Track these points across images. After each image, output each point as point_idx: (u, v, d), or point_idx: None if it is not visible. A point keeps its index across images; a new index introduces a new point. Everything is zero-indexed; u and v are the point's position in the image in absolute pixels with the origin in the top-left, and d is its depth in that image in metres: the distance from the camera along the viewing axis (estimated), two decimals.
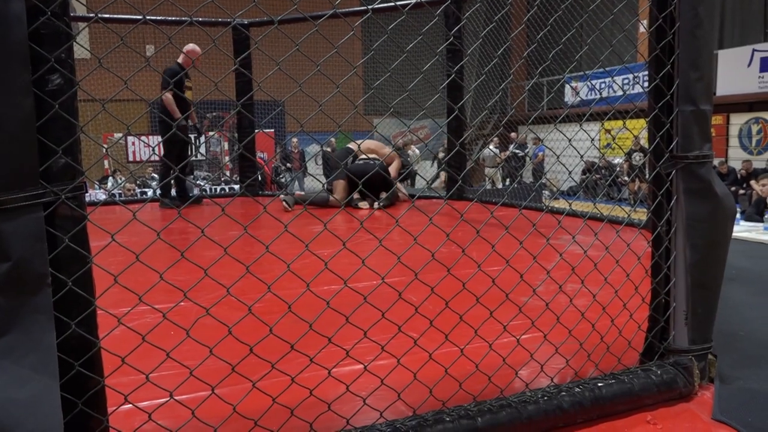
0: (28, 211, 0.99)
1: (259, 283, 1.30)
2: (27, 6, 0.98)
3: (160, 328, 1.27)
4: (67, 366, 1.06)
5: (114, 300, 1.24)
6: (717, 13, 1.60)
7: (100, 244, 1.16)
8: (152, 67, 1.16)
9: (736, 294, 2.70)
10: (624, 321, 1.74)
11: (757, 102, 11.66)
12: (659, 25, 1.62)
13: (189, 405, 1.27)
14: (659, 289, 1.70)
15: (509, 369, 1.57)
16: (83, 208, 1.07)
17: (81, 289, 1.07)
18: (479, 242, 1.56)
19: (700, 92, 1.61)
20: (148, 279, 1.18)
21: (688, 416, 1.55)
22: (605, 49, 1.74)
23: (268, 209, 1.30)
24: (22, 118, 0.97)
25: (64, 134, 1.05)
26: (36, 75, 1.00)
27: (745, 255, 3.91)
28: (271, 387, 1.35)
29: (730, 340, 2.05)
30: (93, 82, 11.07)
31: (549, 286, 2.35)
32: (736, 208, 1.78)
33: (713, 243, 1.66)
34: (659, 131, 1.65)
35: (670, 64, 1.62)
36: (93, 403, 1.10)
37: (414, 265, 1.45)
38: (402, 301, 1.41)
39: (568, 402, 1.47)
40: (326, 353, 1.42)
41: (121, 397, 1.17)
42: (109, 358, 1.14)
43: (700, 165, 1.63)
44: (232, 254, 1.21)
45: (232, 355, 1.30)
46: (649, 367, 1.65)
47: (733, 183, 11.21)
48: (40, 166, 1.01)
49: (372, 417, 1.41)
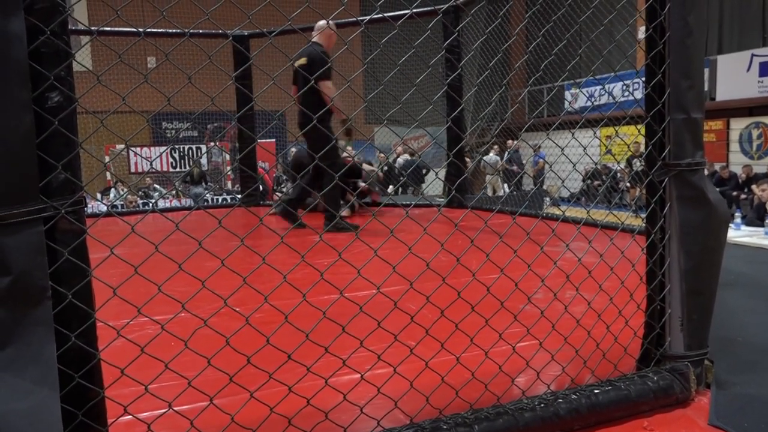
0: (28, 225, 1.01)
1: (259, 294, 1.32)
2: (27, 25, 1.00)
3: (160, 339, 1.28)
4: (68, 378, 1.08)
5: (115, 312, 1.25)
6: (706, 22, 1.62)
7: (101, 257, 1.18)
8: (150, 83, 1.18)
9: (734, 299, 2.71)
10: (620, 328, 1.75)
11: (757, 107, 11.69)
12: (650, 34, 1.65)
13: (188, 415, 1.28)
14: (654, 296, 1.72)
15: (506, 376, 1.58)
16: (83, 221, 1.09)
17: (81, 301, 1.09)
18: (476, 251, 1.58)
19: (691, 100, 1.63)
20: (149, 290, 1.20)
21: (685, 422, 1.56)
22: (608, 55, 1.76)
23: (265, 221, 1.32)
24: (22, 134, 0.99)
25: (64, 150, 1.07)
26: (36, 92, 1.03)
27: (744, 260, 3.92)
28: (269, 397, 1.37)
29: (728, 346, 2.06)
30: (95, 94, 11.12)
31: (545, 293, 2.36)
32: (729, 214, 1.79)
33: (707, 249, 1.68)
34: (651, 139, 1.67)
35: (661, 73, 1.64)
36: (93, 415, 1.12)
37: (410, 275, 1.46)
38: (398, 311, 1.42)
39: (564, 409, 1.48)
40: (323, 363, 1.44)
41: (120, 408, 1.19)
42: (108, 370, 1.15)
43: (692, 172, 1.65)
44: (232, 265, 1.23)
45: (230, 366, 1.32)
46: (646, 373, 1.66)
47: (734, 188, 11.22)
48: (40, 182, 1.03)
49: (369, 426, 1.42)
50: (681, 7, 1.60)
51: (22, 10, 0.98)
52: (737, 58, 11.94)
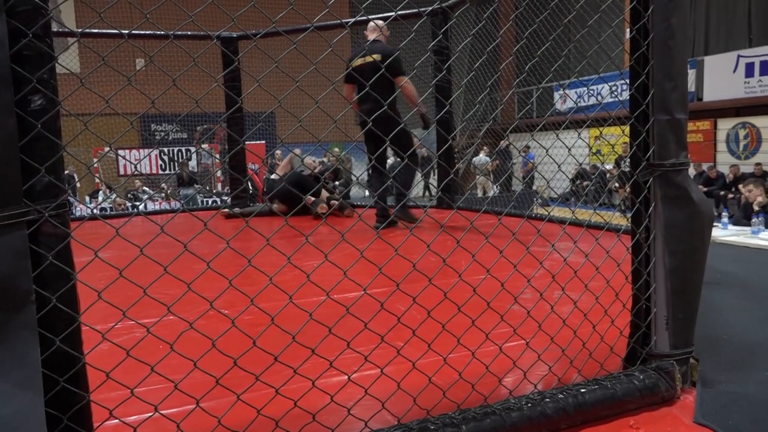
0: (11, 229, 1.00)
1: (246, 296, 1.32)
2: (9, 28, 0.99)
3: (146, 342, 1.28)
4: (52, 382, 1.07)
5: (102, 315, 1.25)
6: (689, 24, 1.64)
7: (88, 260, 1.17)
8: (134, 85, 1.18)
9: (720, 298, 2.73)
10: (606, 327, 1.76)
11: (744, 107, 11.79)
12: (634, 36, 1.66)
13: (174, 419, 1.28)
14: (640, 295, 1.73)
15: (493, 377, 1.59)
16: (67, 225, 1.09)
17: (65, 305, 1.08)
18: (463, 251, 1.59)
19: (675, 101, 1.65)
20: (135, 294, 1.19)
21: (671, 420, 1.57)
22: (595, 57, 1.77)
23: (250, 223, 1.32)
24: (4, 138, 0.99)
25: (47, 153, 1.06)
26: (18, 96, 1.02)
27: (731, 259, 3.96)
28: (256, 399, 1.37)
29: (713, 344, 2.08)
30: (81, 96, 11.06)
31: (532, 293, 2.37)
32: (713, 213, 1.81)
33: (692, 249, 1.69)
34: (636, 140, 1.69)
35: (645, 75, 1.65)
36: (78, 419, 1.11)
37: (396, 276, 1.47)
38: (385, 312, 1.43)
39: (551, 408, 1.49)
40: (310, 365, 1.44)
41: (106, 412, 1.18)
42: (94, 374, 1.15)
43: (676, 173, 1.66)
44: (220, 268, 1.23)
45: (217, 369, 1.31)
46: (632, 372, 1.67)
47: (722, 187, 11.31)
48: (23, 185, 1.03)
49: (357, 427, 1.42)
50: (664, 9, 1.61)
51: (3, 12, 0.98)
52: (724, 59, 12.05)
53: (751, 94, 11.53)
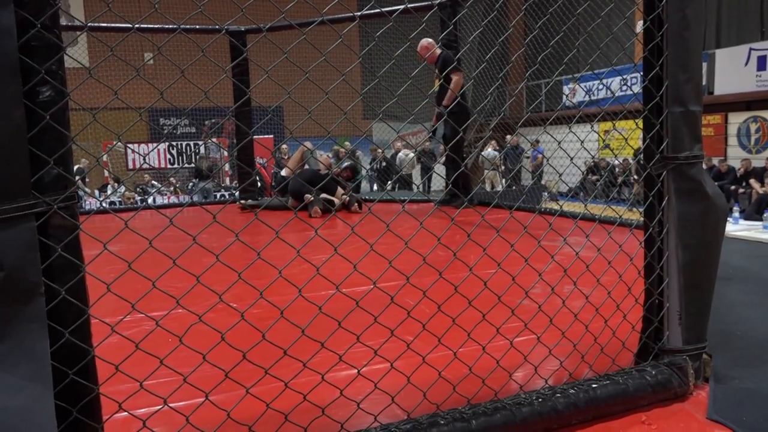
0: (20, 221, 1.00)
1: (255, 289, 1.31)
2: (17, 19, 0.99)
3: (155, 335, 1.28)
4: (61, 374, 1.07)
5: (111, 308, 1.25)
6: (704, 15, 1.61)
7: (96, 253, 1.17)
8: (142, 77, 1.17)
9: (732, 293, 2.70)
10: (618, 322, 1.74)
11: (755, 101, 11.68)
12: (648, 27, 1.63)
13: (183, 412, 1.28)
14: (652, 290, 1.71)
15: (503, 371, 1.58)
16: (75, 217, 1.08)
17: (74, 297, 1.08)
18: (473, 245, 1.57)
19: (689, 93, 1.62)
20: (144, 287, 1.19)
21: (683, 416, 1.56)
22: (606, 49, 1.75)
23: (262, 217, 1.31)
24: (12, 129, 0.98)
25: (56, 145, 1.06)
26: (27, 87, 1.01)
27: (743, 254, 3.92)
28: (265, 393, 1.36)
29: (726, 340, 2.05)
30: (90, 90, 11.09)
31: (543, 288, 2.36)
32: (727, 207, 1.78)
33: (705, 243, 1.67)
34: (649, 132, 1.66)
35: (659, 66, 1.63)
36: (87, 411, 1.11)
37: (407, 270, 1.45)
38: (395, 306, 1.42)
39: (562, 403, 1.48)
40: (320, 358, 1.43)
41: (115, 405, 1.18)
42: (103, 366, 1.15)
43: (690, 165, 1.64)
44: (230, 261, 1.22)
45: (226, 362, 1.31)
46: (644, 367, 1.65)
47: (733, 182, 11.22)
48: (32, 177, 1.02)
49: (366, 421, 1.42)
50: (679, 0, 1.59)
51: (11, 3, 0.97)
52: (735, 52, 11.93)
53: (763, 88, 11.42)
